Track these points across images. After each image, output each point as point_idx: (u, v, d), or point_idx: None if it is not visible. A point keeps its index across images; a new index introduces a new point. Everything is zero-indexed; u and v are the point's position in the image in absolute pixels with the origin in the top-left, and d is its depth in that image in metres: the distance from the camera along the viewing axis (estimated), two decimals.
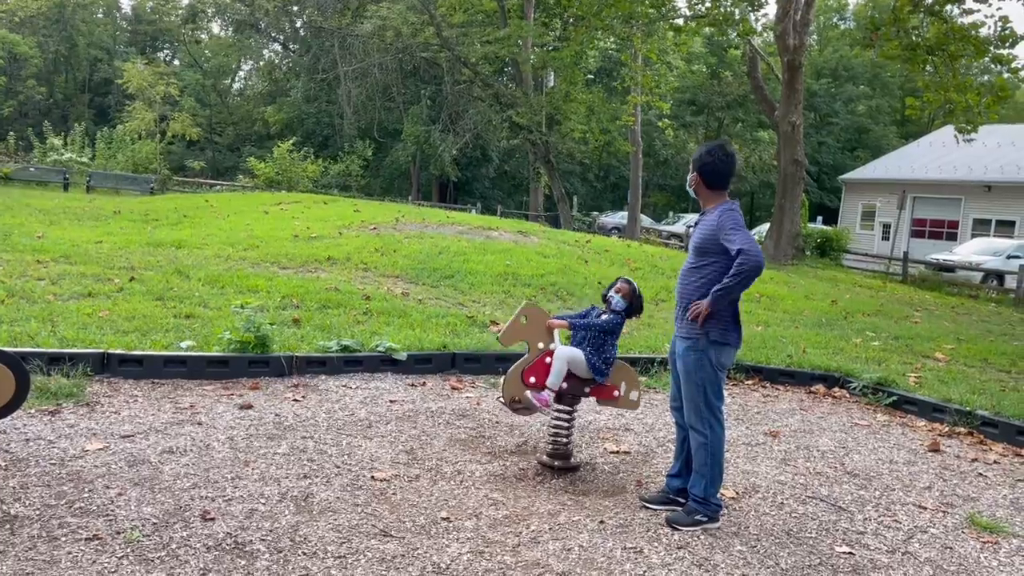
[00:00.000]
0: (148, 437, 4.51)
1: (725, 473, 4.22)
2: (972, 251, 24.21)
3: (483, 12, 30.89)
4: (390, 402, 5.64)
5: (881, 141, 48.19)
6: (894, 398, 6.75)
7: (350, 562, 3.33)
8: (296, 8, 44.86)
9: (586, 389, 4.57)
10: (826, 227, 29.34)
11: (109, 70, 47.68)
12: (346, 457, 4.50)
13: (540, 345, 4.56)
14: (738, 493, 4.50)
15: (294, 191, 26.25)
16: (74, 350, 5.56)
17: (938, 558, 3.87)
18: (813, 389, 7.16)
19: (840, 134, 48.54)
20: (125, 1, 54.75)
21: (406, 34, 33.68)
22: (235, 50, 50.29)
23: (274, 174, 30.63)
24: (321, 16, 39.07)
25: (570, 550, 3.61)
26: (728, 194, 4.08)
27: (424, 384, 6.21)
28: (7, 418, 4.32)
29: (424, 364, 6.52)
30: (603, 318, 4.55)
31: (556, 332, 4.61)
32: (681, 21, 23.19)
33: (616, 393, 4.66)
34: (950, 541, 4.08)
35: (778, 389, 7.14)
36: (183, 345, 5.98)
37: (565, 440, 4.58)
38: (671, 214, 42.76)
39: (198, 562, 3.22)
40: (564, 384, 4.48)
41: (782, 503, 4.41)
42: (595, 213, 39.30)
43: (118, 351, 5.67)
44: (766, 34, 39.43)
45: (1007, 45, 16.31)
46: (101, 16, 53.48)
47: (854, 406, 6.77)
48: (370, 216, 14.69)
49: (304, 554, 3.36)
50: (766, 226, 25.08)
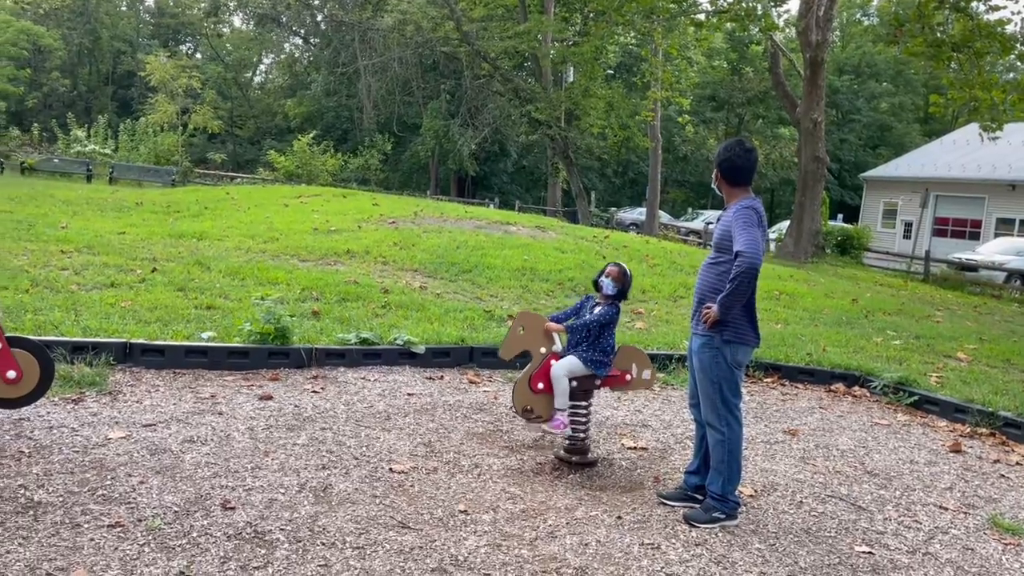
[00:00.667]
0: (169, 426, 4.56)
1: (743, 471, 4.21)
2: (995, 250, 23.88)
3: (503, 7, 30.84)
4: (408, 395, 5.66)
5: (904, 139, 47.64)
6: (915, 398, 6.69)
7: (368, 553, 3.35)
8: (317, 2, 45.05)
9: (596, 382, 4.58)
10: (847, 225, 29.09)
11: (132, 62, 48.00)
12: (364, 449, 4.52)
13: (542, 351, 4.57)
14: (756, 491, 4.48)
15: (313, 184, 26.39)
16: (97, 339, 5.63)
17: (959, 559, 3.83)
18: (833, 388, 7.11)
19: (862, 131, 48.04)
20: None
21: (426, 28, 33.75)
22: (256, 43, 50.54)
23: (294, 167, 30.83)
24: (342, 10, 39.25)
25: (587, 545, 3.61)
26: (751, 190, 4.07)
27: (442, 378, 6.23)
28: (31, 405, 4.38)
29: (442, 358, 6.53)
30: (597, 311, 4.55)
31: (555, 334, 4.60)
32: (703, 16, 23.06)
33: (628, 377, 4.69)
34: (971, 542, 4.04)
35: (797, 387, 7.10)
36: (204, 336, 6.03)
37: (582, 435, 4.58)
38: (690, 210, 42.51)
39: (218, 551, 3.25)
40: (574, 383, 4.50)
41: (801, 501, 4.38)
42: (613, 209, 39.15)
43: (140, 341, 5.73)
44: (788, 30, 39.15)
45: None
46: (124, 9, 53.91)
47: (874, 405, 6.72)
48: (389, 210, 14.72)
49: (323, 544, 3.38)
50: (786, 223, 24.92)
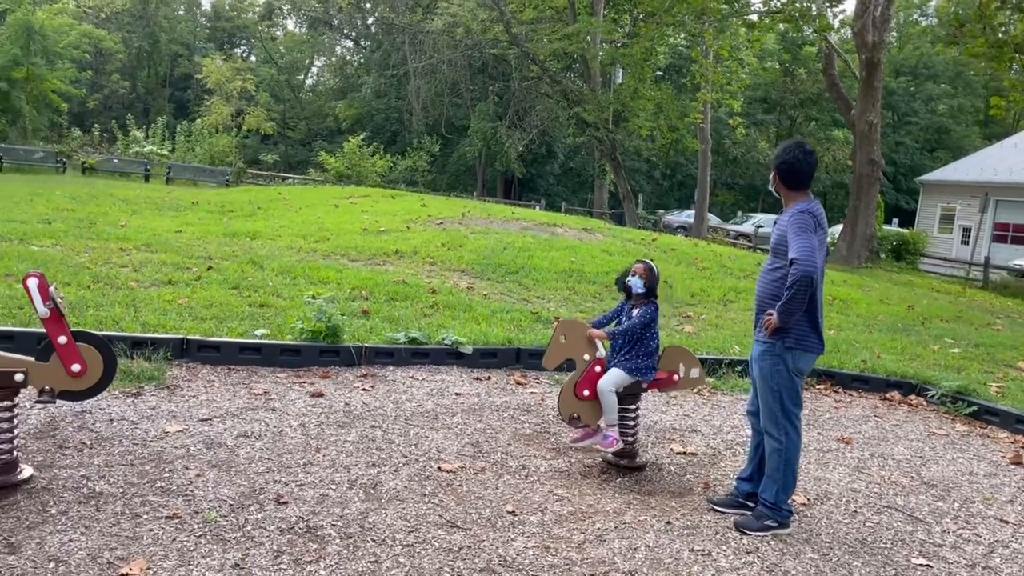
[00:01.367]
0: (224, 421, 4.66)
1: (797, 479, 4.13)
2: None
3: (553, 8, 30.83)
4: (456, 395, 5.69)
5: (963, 142, 46.32)
6: (974, 408, 6.49)
7: (417, 551, 3.38)
8: (369, 5, 45.63)
9: (643, 386, 4.55)
10: (902, 229, 28.42)
11: (189, 65, 49.26)
12: (413, 447, 4.56)
13: (586, 357, 4.53)
14: (810, 499, 4.39)
15: (363, 185, 26.70)
16: (155, 335, 5.77)
17: (1021, 574, 3.71)
18: (888, 396, 6.95)
19: (919, 134, 46.88)
20: None
21: (475, 31, 33.88)
22: (309, 46, 51.39)
23: (344, 168, 31.24)
24: (393, 13, 39.64)
25: (636, 549, 3.58)
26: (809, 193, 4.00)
27: (489, 378, 6.24)
28: (94, 398, 4.51)
29: (489, 358, 6.55)
30: (635, 313, 4.51)
31: (598, 340, 4.58)
32: (755, 17, 22.75)
33: (676, 377, 4.65)
34: None
35: (851, 395, 6.95)
36: (257, 333, 6.15)
37: (631, 439, 4.56)
38: (739, 213, 41.90)
39: (272, 544, 3.30)
40: (621, 390, 4.47)
41: (855, 511, 4.29)
42: (660, 211, 38.86)
43: (197, 337, 5.87)
44: (843, 30, 38.39)
45: None
46: (182, 13, 55.28)
47: (931, 415, 6.54)
48: (436, 211, 14.83)
49: (373, 541, 3.42)
50: (839, 227, 24.42)
